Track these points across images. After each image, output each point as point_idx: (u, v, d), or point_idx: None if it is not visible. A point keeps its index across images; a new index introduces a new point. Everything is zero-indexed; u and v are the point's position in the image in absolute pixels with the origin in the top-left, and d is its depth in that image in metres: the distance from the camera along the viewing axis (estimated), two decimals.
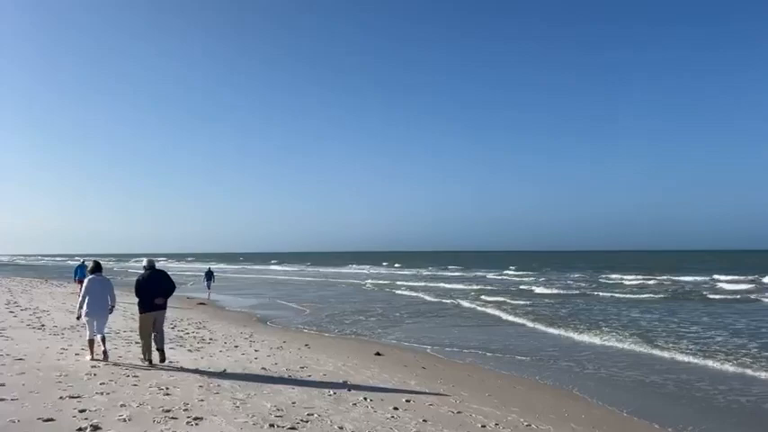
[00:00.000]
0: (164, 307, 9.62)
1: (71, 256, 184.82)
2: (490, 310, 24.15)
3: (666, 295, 31.89)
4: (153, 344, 9.50)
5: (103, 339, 9.39)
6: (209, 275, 31.08)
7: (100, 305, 9.35)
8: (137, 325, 15.03)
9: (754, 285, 37.69)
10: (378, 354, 13.31)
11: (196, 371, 9.09)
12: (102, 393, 7.02)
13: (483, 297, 30.99)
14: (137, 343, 11.42)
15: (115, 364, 9.01)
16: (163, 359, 9.44)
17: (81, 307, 9.32)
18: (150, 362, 9.35)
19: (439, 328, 19.11)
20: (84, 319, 9.34)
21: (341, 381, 9.27)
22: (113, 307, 9.64)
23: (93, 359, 9.22)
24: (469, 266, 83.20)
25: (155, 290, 9.46)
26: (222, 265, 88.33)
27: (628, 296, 31.33)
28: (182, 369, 9.13)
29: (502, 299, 29.65)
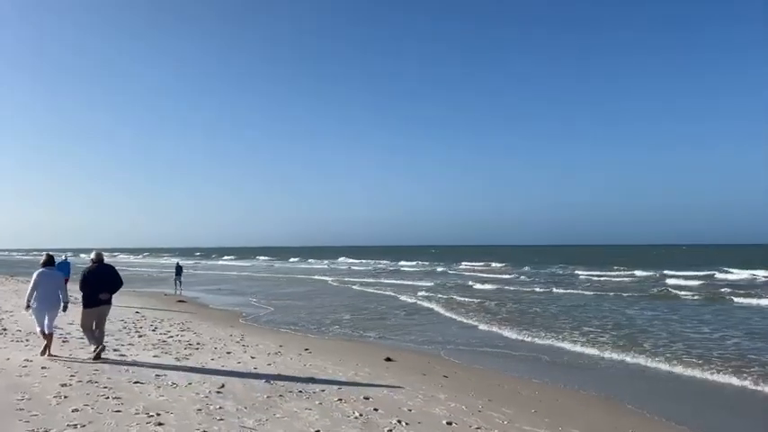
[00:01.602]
0: (109, 302, 9.34)
1: (27, 251, 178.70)
2: (464, 312, 22.96)
3: (647, 293, 31.04)
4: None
5: (50, 337, 9.19)
6: (179, 271, 29.73)
7: (50, 300, 9.07)
8: (111, 326, 13.52)
9: (709, 281, 37.20)
10: (388, 359, 11.94)
11: (189, 387, 7.58)
12: (76, 426, 5.49)
13: (453, 295, 29.83)
14: (113, 350, 9.91)
15: (90, 381, 7.44)
16: (98, 357, 9.09)
17: (29, 300, 9.03)
18: (99, 356, 9.12)
19: (430, 327, 17.81)
20: (31, 312, 9.08)
21: (362, 397, 7.86)
22: (67, 304, 9.30)
23: (46, 349, 9.15)
24: (428, 260, 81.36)
25: (101, 284, 9.16)
26: (175, 260, 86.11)
27: (606, 293, 30.43)
28: (172, 384, 7.61)
29: (470, 298, 28.51)
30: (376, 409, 7.18)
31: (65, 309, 9.24)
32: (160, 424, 5.76)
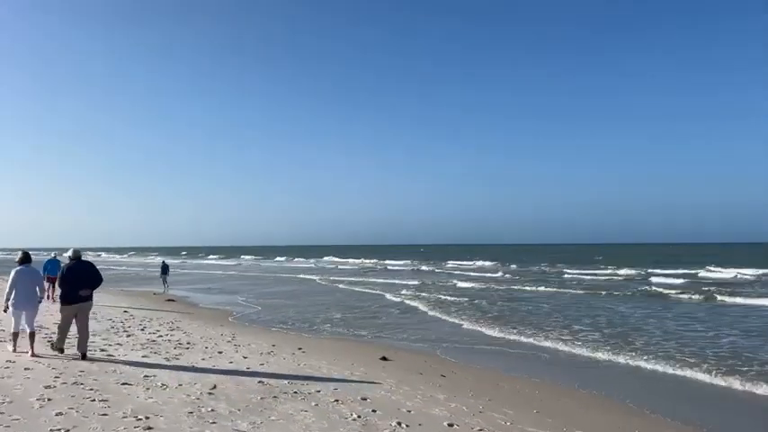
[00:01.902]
0: (89, 299, 9.26)
1: (9, 251, 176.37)
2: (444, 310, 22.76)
3: (634, 291, 31.06)
4: (74, 342, 9.22)
5: (32, 336, 8.91)
6: (165, 269, 29.69)
7: (28, 298, 8.99)
8: (98, 326, 13.16)
9: (693, 280, 36.99)
10: (384, 358, 11.69)
11: (180, 388, 7.28)
12: (60, 431, 5.19)
13: (441, 293, 29.64)
14: (95, 347, 9.60)
15: (75, 383, 7.12)
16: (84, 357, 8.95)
17: (8, 299, 8.93)
18: (62, 350, 9.03)
19: (421, 325, 17.58)
20: (10, 311, 8.95)
21: (359, 398, 7.60)
22: (42, 299, 9.34)
23: (14, 351, 8.89)
24: (416, 259, 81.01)
25: (80, 281, 9.06)
26: (161, 259, 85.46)
27: (596, 292, 30.42)
28: (162, 386, 7.31)
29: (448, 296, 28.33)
30: (374, 411, 6.93)
31: (39, 301, 9.25)
32: (149, 428, 5.47)
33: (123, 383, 7.26)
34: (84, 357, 8.90)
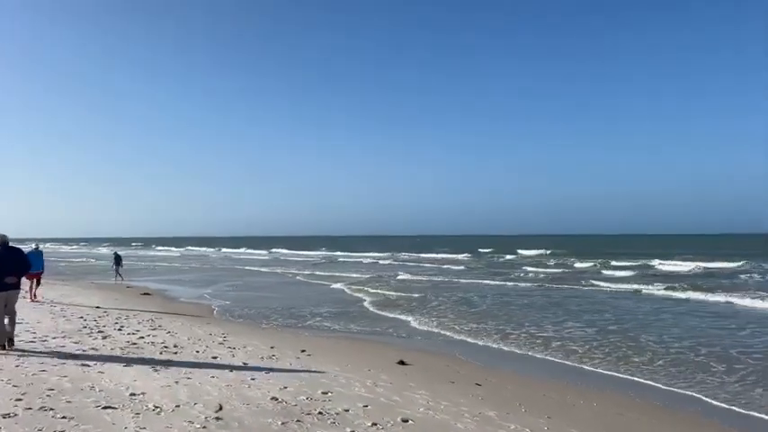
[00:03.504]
0: (16, 287, 8.93)
1: None
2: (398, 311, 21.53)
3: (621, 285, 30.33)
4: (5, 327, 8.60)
5: None
6: (118, 260, 29.18)
7: None
8: (69, 326, 11.51)
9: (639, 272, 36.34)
10: (402, 362, 10.29)
11: (178, 411, 5.75)
12: None
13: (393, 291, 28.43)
14: (70, 355, 8.01)
15: (43, 408, 5.52)
16: (11, 345, 8.64)
17: None
18: (3, 347, 8.53)
19: (409, 321, 16.29)
20: None
21: (399, 419, 6.19)
22: None
23: None
24: (354, 250, 79.62)
25: (6, 268, 8.67)
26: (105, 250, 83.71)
27: (578, 287, 29.63)
28: (155, 409, 5.76)
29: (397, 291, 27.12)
30: None
31: None
32: None
33: (105, 407, 5.69)
34: (11, 344, 8.56)
